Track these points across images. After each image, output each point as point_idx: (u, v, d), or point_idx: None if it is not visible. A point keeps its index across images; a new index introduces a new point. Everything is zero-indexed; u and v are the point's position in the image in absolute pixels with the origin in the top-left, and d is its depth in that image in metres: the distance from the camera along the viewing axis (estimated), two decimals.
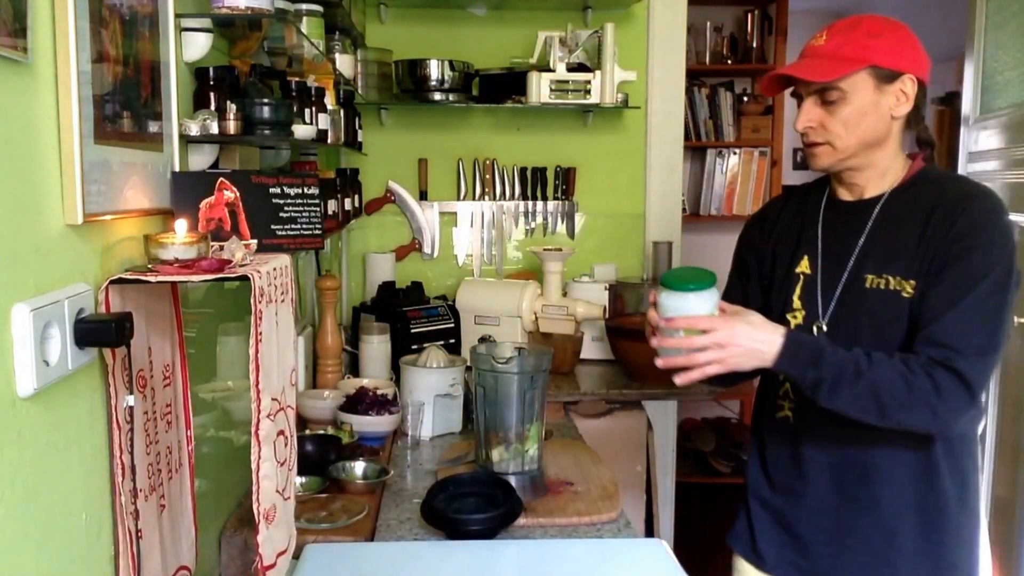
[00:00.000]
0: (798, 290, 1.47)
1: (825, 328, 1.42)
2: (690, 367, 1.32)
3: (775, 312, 1.49)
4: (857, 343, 1.35)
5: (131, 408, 1.08)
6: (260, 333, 1.10)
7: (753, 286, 1.59)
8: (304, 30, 1.70)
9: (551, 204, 3.06)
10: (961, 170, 2.68)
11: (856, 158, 1.40)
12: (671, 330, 1.32)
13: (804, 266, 1.48)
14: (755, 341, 1.30)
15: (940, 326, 1.29)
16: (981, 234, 1.31)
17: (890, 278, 1.37)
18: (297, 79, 1.69)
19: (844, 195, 1.47)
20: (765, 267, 1.56)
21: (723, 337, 1.29)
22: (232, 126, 1.35)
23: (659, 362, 1.36)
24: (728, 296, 1.60)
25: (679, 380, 1.34)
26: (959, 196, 1.36)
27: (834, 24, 1.39)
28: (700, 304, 1.31)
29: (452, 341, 2.64)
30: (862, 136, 1.37)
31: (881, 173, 1.42)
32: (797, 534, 1.48)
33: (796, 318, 1.47)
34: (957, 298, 1.29)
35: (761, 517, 1.55)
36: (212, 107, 1.36)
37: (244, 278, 1.08)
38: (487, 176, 3.04)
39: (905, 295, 1.35)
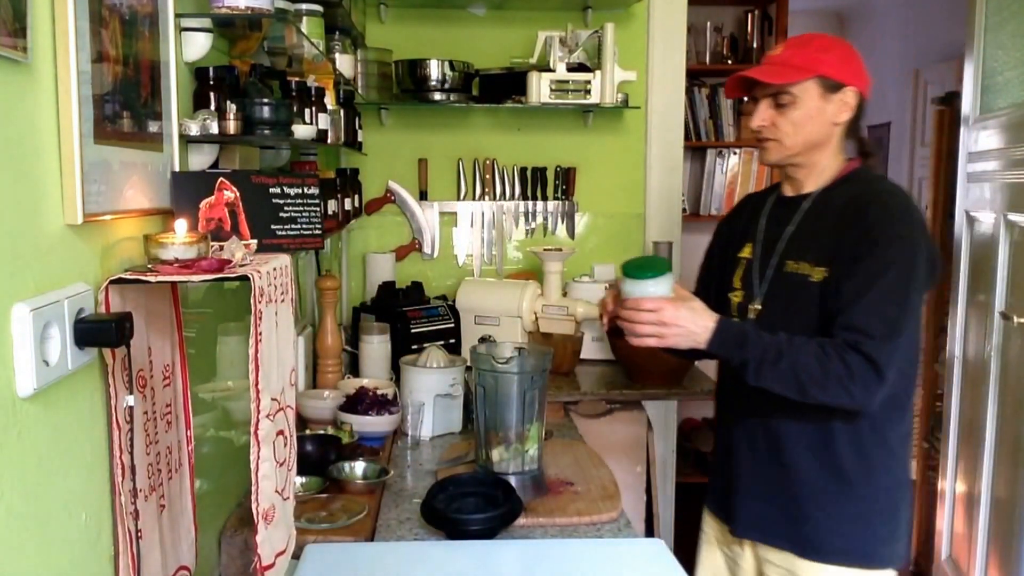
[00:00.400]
0: (739, 272, 1.67)
1: (759, 307, 1.61)
2: (635, 334, 1.50)
3: (721, 292, 1.69)
4: (778, 320, 1.54)
5: (131, 408, 1.08)
6: (260, 333, 1.10)
7: (715, 273, 1.77)
8: (304, 30, 1.70)
9: (551, 204, 3.06)
10: (961, 170, 2.68)
11: (800, 156, 1.59)
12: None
13: (746, 252, 1.67)
14: (693, 324, 1.47)
15: (851, 312, 1.45)
16: (887, 228, 1.47)
17: (804, 263, 1.55)
18: (297, 79, 1.69)
19: (787, 191, 1.66)
20: (723, 257, 1.75)
21: (668, 317, 1.47)
22: (232, 126, 1.35)
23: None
24: (699, 283, 1.83)
25: (632, 340, 1.53)
26: (871, 194, 1.53)
27: (790, 39, 1.60)
28: (656, 289, 1.50)
29: (452, 341, 2.64)
30: (807, 137, 1.56)
31: (820, 172, 1.60)
32: (731, 487, 1.68)
33: (737, 297, 1.66)
34: (866, 287, 1.45)
35: (716, 470, 1.76)
36: (212, 107, 1.36)
37: (244, 278, 1.08)
38: (487, 176, 3.04)
39: (813, 279, 1.52)
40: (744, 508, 1.65)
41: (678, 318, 1.47)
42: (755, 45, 4.35)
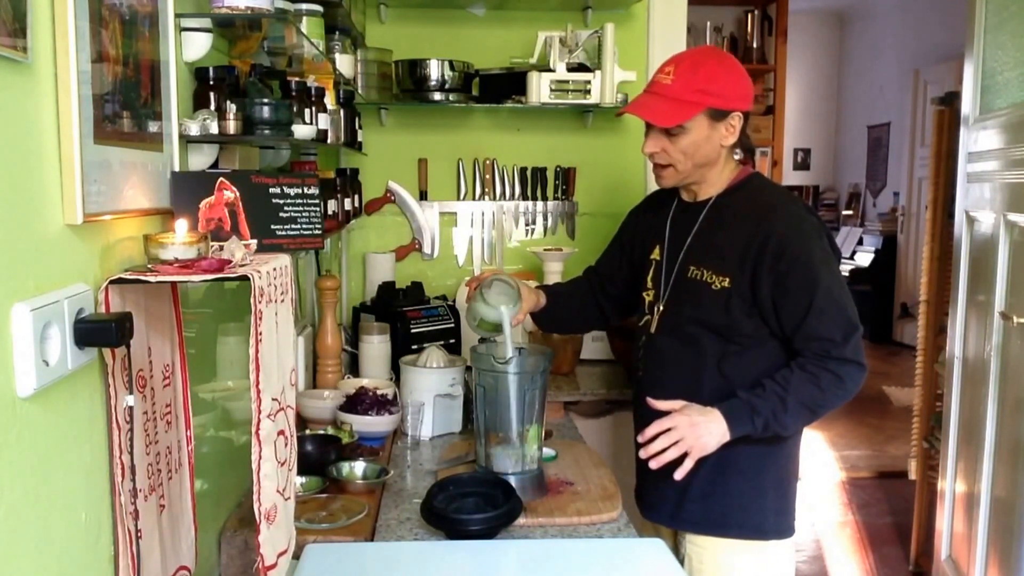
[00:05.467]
0: (651, 273, 1.82)
1: (662, 307, 1.76)
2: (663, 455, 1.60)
3: (636, 291, 1.86)
4: (680, 320, 1.71)
5: (131, 408, 1.08)
6: (260, 333, 1.10)
7: (624, 260, 1.95)
8: (304, 30, 1.70)
9: (551, 204, 3.06)
10: (960, 170, 2.68)
11: (694, 176, 1.73)
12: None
13: (656, 254, 1.82)
14: (708, 431, 1.59)
15: (808, 327, 1.60)
16: (795, 243, 1.61)
17: (705, 271, 1.68)
18: (297, 79, 1.69)
19: (686, 197, 1.81)
20: (635, 250, 1.91)
21: (684, 429, 1.59)
22: (232, 126, 1.35)
23: (653, 464, 1.62)
24: (603, 260, 2.03)
25: (655, 464, 1.61)
26: (766, 209, 1.66)
27: (681, 62, 1.68)
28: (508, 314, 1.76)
29: (452, 341, 2.64)
30: (698, 160, 1.69)
31: (712, 182, 1.75)
32: (642, 475, 1.81)
33: (649, 296, 1.81)
34: (808, 301, 1.59)
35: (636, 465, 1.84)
36: (212, 107, 1.36)
37: (244, 278, 1.08)
38: (487, 176, 3.04)
39: (715, 288, 1.66)
40: (653, 493, 1.79)
41: (695, 424, 1.59)
42: (755, 45, 4.36)
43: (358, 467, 1.81)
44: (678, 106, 1.64)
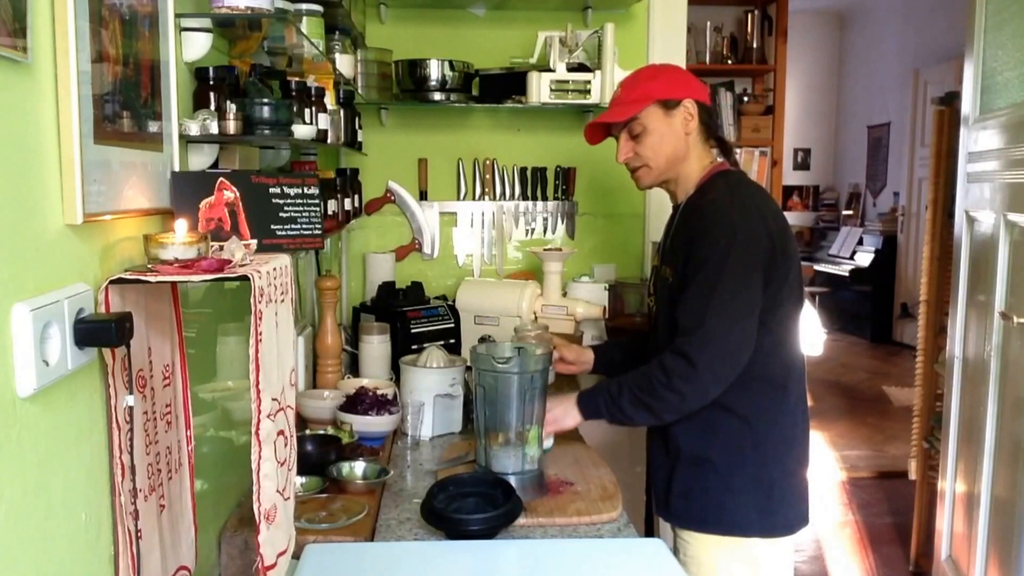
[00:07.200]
0: (653, 279, 1.89)
1: (655, 309, 1.82)
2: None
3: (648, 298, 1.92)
4: (660, 318, 1.76)
5: (131, 408, 1.08)
6: (260, 333, 1.10)
7: None
8: (304, 30, 1.70)
9: (551, 204, 3.06)
10: (960, 170, 2.68)
11: (669, 172, 1.78)
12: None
13: (655, 260, 1.89)
14: (564, 411, 1.75)
15: (678, 315, 1.64)
16: (704, 232, 1.64)
17: (666, 268, 1.76)
18: (297, 79, 1.69)
19: (672, 201, 1.86)
20: None
21: (552, 407, 1.77)
22: (232, 126, 1.35)
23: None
24: None
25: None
26: (700, 205, 1.70)
27: (626, 77, 1.82)
28: None
29: (452, 341, 2.64)
30: (667, 154, 1.75)
31: (685, 181, 1.79)
32: (648, 476, 1.91)
33: (650, 300, 1.88)
34: (684, 289, 1.64)
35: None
36: (212, 107, 1.36)
37: (244, 278, 1.08)
38: (487, 176, 3.04)
39: (670, 282, 1.72)
40: (652, 487, 1.85)
41: (559, 405, 1.77)
42: (755, 45, 4.36)
43: (358, 467, 1.81)
44: (626, 106, 1.75)
